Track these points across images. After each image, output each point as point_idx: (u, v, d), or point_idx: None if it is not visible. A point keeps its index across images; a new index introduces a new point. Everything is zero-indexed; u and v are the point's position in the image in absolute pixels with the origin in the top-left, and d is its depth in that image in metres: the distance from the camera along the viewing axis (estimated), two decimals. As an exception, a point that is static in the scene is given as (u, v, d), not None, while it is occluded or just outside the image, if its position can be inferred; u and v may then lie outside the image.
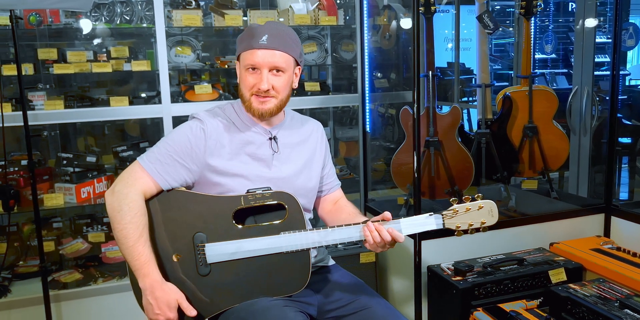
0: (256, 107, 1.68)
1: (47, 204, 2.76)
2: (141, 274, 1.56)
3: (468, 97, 4.80)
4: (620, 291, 2.22)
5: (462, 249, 2.62)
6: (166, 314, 1.56)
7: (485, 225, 1.61)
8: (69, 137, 3.35)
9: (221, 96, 3.00)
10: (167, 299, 1.56)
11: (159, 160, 1.64)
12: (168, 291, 1.57)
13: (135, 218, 1.56)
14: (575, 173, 3.56)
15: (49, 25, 2.93)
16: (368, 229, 1.56)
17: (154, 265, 1.57)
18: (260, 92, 1.65)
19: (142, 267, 1.56)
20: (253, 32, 1.65)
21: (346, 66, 3.61)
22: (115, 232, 1.58)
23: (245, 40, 1.66)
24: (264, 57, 1.63)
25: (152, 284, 1.56)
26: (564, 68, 6.00)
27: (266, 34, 1.63)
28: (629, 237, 2.74)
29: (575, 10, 3.67)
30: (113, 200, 1.59)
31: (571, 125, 3.45)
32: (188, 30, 3.17)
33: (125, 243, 1.56)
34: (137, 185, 1.60)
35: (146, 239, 1.57)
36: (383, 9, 3.64)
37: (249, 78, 1.66)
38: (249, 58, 1.65)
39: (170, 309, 1.56)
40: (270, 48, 1.63)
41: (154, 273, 1.56)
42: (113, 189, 1.62)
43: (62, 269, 2.91)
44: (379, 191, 3.59)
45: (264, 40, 1.63)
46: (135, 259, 1.56)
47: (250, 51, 1.64)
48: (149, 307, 1.57)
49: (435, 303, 2.54)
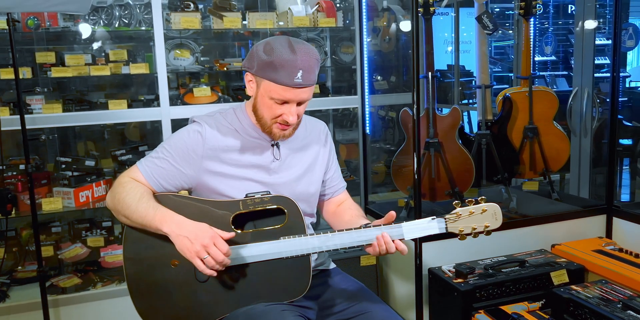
0: (276, 132, 1.63)
1: (46, 209, 2.75)
2: (157, 223, 1.51)
3: (468, 99, 4.80)
4: (622, 292, 2.20)
5: (463, 251, 2.61)
6: (207, 242, 1.45)
7: (489, 229, 1.57)
8: (67, 141, 3.34)
9: (220, 99, 2.99)
10: (200, 227, 1.50)
11: (155, 164, 1.64)
12: (195, 223, 1.51)
13: (133, 190, 1.58)
14: (576, 174, 3.55)
15: (47, 29, 2.92)
16: (381, 239, 1.54)
17: (165, 210, 1.54)
18: (286, 123, 1.61)
19: (155, 217, 1.52)
20: (285, 65, 1.52)
21: (346, 68, 3.60)
22: (119, 209, 1.58)
23: (273, 70, 1.53)
24: (296, 94, 1.56)
25: (178, 221, 1.51)
26: (563, 70, 6.00)
27: (301, 70, 1.52)
28: (631, 238, 2.72)
29: (575, 12, 3.66)
30: (111, 197, 1.62)
31: (572, 126, 3.44)
32: (187, 33, 3.16)
33: (129, 208, 1.55)
34: None
35: (148, 198, 1.56)
36: (382, 12, 3.64)
37: (275, 108, 1.59)
38: (279, 93, 1.55)
39: (210, 237, 1.47)
40: (304, 86, 1.56)
41: (171, 214, 1.52)
42: (112, 191, 1.64)
43: (60, 274, 2.89)
44: (379, 194, 3.57)
45: (299, 78, 1.53)
46: (143, 216, 1.53)
47: (281, 87, 1.54)
48: (189, 245, 1.47)
49: (436, 305, 2.52)
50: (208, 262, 1.45)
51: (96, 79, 3.21)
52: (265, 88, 1.57)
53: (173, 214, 1.53)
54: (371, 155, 3.43)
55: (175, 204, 1.61)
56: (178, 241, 1.49)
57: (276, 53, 1.52)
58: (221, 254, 1.46)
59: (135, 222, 1.56)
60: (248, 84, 1.65)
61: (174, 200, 1.62)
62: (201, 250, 1.45)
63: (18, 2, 2.24)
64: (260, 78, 1.58)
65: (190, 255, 1.47)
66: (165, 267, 1.60)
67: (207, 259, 1.45)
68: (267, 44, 1.56)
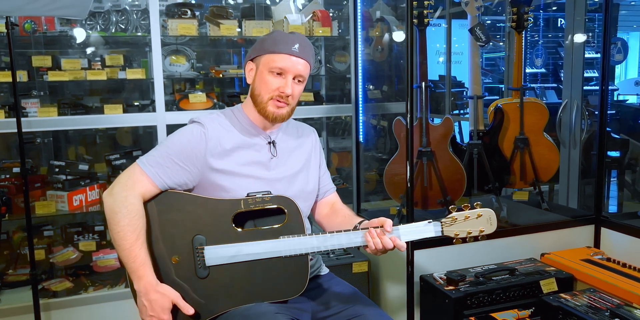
0: (272, 110, 1.70)
1: (39, 212, 2.75)
2: (136, 276, 1.57)
3: (460, 109, 4.85)
4: (610, 301, 2.23)
5: (455, 259, 2.63)
6: (160, 316, 1.56)
7: (484, 234, 1.60)
8: (61, 145, 3.34)
9: (215, 105, 3.01)
10: (161, 301, 1.56)
11: (158, 163, 1.64)
12: (163, 293, 1.56)
13: (133, 221, 1.57)
14: (565, 185, 3.60)
15: (44, 33, 2.93)
16: (370, 235, 1.57)
17: (149, 268, 1.57)
18: (283, 96, 1.68)
19: (138, 269, 1.56)
20: (283, 38, 1.68)
21: (339, 77, 3.64)
22: (112, 233, 1.58)
23: (272, 43, 1.68)
24: (294, 64, 1.67)
25: (146, 286, 1.56)
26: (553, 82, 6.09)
27: (297, 43, 1.67)
28: (619, 248, 2.76)
29: (565, 25, 3.73)
30: (111, 201, 1.59)
31: (561, 138, 3.50)
32: (183, 40, 3.19)
33: (122, 245, 1.56)
34: (136, 189, 1.61)
35: (143, 242, 1.58)
36: (376, 22, 3.69)
37: (273, 81, 1.68)
38: (278, 61, 1.66)
39: (163, 311, 1.56)
40: (300, 56, 1.67)
41: (148, 275, 1.56)
42: (111, 190, 1.62)
43: (52, 278, 2.88)
44: (371, 202, 3.60)
45: (296, 49, 1.66)
46: (131, 261, 1.56)
47: (280, 55, 1.66)
48: (143, 309, 1.58)
49: (427, 312, 2.54)
50: None
51: (92, 84, 3.22)
52: (264, 62, 1.69)
53: (150, 277, 1.58)
54: (363, 164, 3.46)
55: (178, 202, 1.64)
56: (140, 302, 1.59)
57: (274, 33, 1.75)
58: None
59: (119, 255, 1.61)
60: (248, 73, 1.75)
61: (177, 198, 1.65)
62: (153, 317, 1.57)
63: (18, 6, 2.26)
64: (260, 57, 1.70)
65: (143, 317, 1.60)
66: (165, 263, 1.63)
67: None
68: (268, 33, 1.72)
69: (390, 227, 1.57)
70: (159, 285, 1.57)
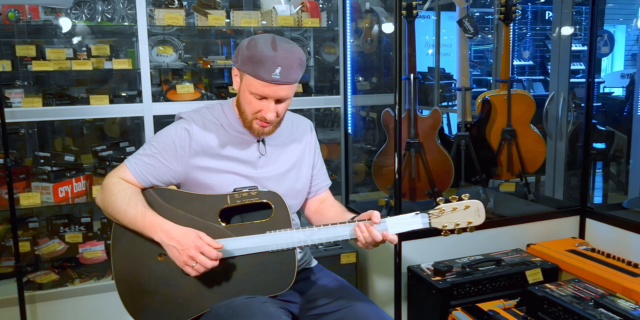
0: (257, 128, 1.66)
1: (24, 203, 2.71)
2: (147, 231, 1.56)
3: (448, 101, 4.86)
4: (594, 291, 2.26)
5: (442, 250, 2.65)
6: (196, 247, 1.50)
7: (472, 225, 1.59)
8: (46, 136, 3.30)
9: (203, 96, 2.99)
10: (186, 234, 1.52)
11: (144, 162, 1.66)
12: (183, 228, 1.55)
13: (121, 192, 1.60)
14: (551, 176, 3.63)
15: (28, 22, 2.88)
16: (359, 230, 1.55)
17: (155, 215, 1.57)
18: (264, 119, 1.63)
19: (144, 225, 1.56)
20: (265, 60, 1.53)
21: (328, 68, 3.62)
22: (112, 216, 1.62)
23: (254, 64, 1.55)
24: (276, 91, 1.57)
25: (161, 230, 1.54)
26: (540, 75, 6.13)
27: (279, 67, 1.53)
28: (603, 239, 2.80)
29: (552, 18, 3.75)
30: (101, 196, 1.65)
31: (547, 130, 3.52)
32: (170, 30, 3.15)
33: (122, 218, 1.59)
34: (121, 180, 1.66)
35: (136, 202, 1.59)
36: (365, 13, 3.67)
37: (256, 103, 1.61)
38: (257, 88, 1.57)
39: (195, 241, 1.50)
40: (281, 83, 1.56)
41: (157, 222, 1.55)
42: (101, 190, 1.67)
43: (37, 270, 2.85)
44: (360, 193, 3.61)
45: (277, 75, 1.54)
46: (134, 222, 1.57)
47: (259, 82, 1.56)
48: (176, 253, 1.52)
49: (415, 303, 2.56)
50: (197, 269, 1.50)
51: (77, 74, 3.18)
52: (246, 82, 1.60)
53: (162, 222, 1.55)
54: (352, 155, 3.46)
55: (164, 198, 1.63)
56: (168, 250, 1.55)
57: (257, 48, 1.55)
58: (209, 261, 1.50)
59: (127, 226, 1.60)
60: (234, 78, 1.68)
61: (163, 194, 1.64)
62: (188, 260, 1.50)
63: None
64: (243, 72, 1.61)
65: (180, 264, 1.53)
66: (151, 261, 1.62)
67: (196, 267, 1.50)
68: (252, 39, 1.59)
69: (377, 218, 1.56)
70: (175, 225, 1.56)
